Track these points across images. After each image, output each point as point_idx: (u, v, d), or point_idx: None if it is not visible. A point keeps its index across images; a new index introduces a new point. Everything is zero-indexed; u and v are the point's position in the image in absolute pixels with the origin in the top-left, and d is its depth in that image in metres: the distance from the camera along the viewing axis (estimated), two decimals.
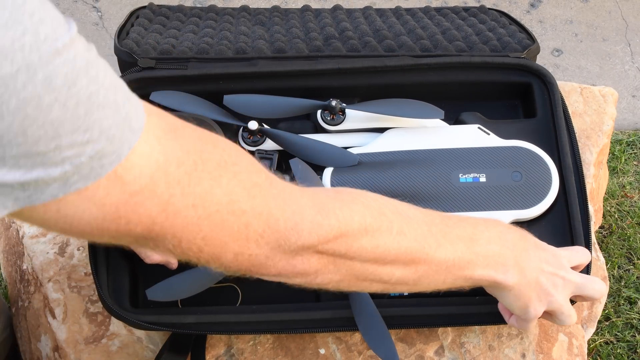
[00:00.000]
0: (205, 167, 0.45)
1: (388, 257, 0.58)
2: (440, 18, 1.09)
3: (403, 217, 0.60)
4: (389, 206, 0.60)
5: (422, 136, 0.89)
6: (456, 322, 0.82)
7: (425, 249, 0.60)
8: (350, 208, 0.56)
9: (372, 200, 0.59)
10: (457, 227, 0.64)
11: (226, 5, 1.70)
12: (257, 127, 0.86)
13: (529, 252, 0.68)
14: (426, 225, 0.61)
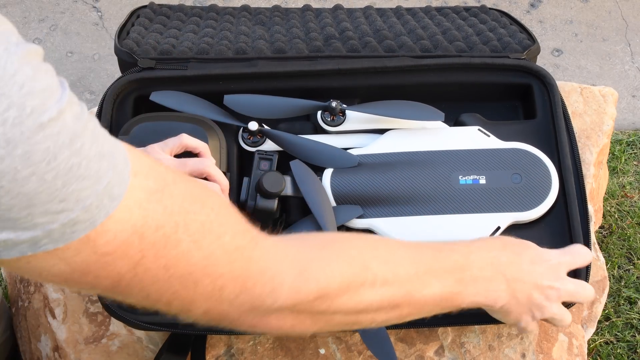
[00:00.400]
0: (187, 229, 0.44)
1: (370, 308, 0.58)
2: (441, 18, 1.09)
3: (390, 263, 0.59)
4: (376, 254, 0.59)
5: (422, 138, 0.89)
6: (456, 321, 0.82)
7: (411, 292, 0.59)
8: (332, 268, 0.54)
9: (359, 252, 0.58)
10: (448, 259, 0.63)
11: (227, 4, 1.70)
12: (257, 127, 0.86)
13: (523, 271, 0.68)
14: (414, 265, 0.60)
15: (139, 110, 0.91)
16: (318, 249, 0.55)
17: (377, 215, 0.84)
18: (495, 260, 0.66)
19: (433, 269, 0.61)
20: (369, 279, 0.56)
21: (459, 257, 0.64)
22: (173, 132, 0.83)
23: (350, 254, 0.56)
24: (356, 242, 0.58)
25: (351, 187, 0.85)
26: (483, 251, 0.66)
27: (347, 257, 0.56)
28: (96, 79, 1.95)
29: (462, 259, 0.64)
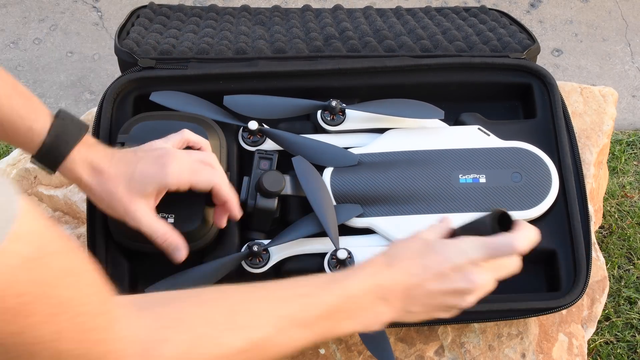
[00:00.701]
0: (48, 302, 0.44)
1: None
2: (441, 18, 1.09)
3: (245, 329, 0.57)
4: (230, 321, 0.57)
5: (422, 137, 0.89)
6: (455, 320, 0.82)
7: (272, 349, 0.59)
8: (178, 349, 0.54)
9: (211, 327, 0.56)
10: (319, 305, 0.61)
11: (227, 4, 1.70)
12: (257, 127, 0.86)
13: (412, 287, 0.65)
14: (277, 322, 0.59)
15: (139, 109, 0.91)
16: (167, 326, 0.54)
17: (377, 214, 0.84)
18: (376, 287, 0.64)
19: (299, 320, 0.60)
20: (220, 354, 0.55)
21: (333, 298, 0.62)
22: (173, 131, 0.83)
23: (199, 332, 0.55)
24: (210, 312, 0.56)
25: (351, 186, 0.85)
26: (364, 281, 0.64)
27: (196, 335, 0.54)
28: (96, 79, 1.95)
29: (336, 300, 0.62)
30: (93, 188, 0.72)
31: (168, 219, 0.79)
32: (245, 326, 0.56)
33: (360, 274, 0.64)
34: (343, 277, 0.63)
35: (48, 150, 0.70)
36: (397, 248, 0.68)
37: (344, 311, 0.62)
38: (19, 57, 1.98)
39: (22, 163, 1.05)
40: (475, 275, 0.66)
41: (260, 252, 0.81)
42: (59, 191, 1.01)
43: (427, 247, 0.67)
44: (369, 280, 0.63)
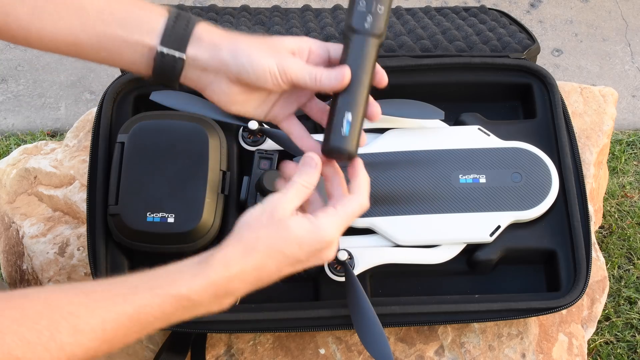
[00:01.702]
0: None
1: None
2: (441, 18, 1.09)
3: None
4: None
5: (422, 137, 0.89)
6: (455, 319, 0.82)
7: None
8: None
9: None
10: (155, 320, 0.58)
11: (226, 4, 1.70)
12: (257, 127, 0.86)
13: (263, 278, 0.62)
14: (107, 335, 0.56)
15: (139, 109, 0.91)
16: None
17: (378, 214, 0.84)
18: (223, 288, 0.60)
19: (131, 326, 0.57)
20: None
21: (170, 305, 0.58)
22: (173, 131, 0.83)
23: (13, 356, 0.52)
24: (28, 332, 0.53)
25: None
26: (210, 282, 0.59)
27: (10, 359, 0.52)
28: (96, 79, 1.95)
29: (174, 304, 0.58)
30: (232, 49, 0.64)
31: (168, 218, 0.80)
32: (67, 344, 0.54)
33: (208, 276, 0.59)
34: (188, 280, 0.59)
35: (173, 26, 0.64)
36: (251, 232, 0.61)
37: (182, 311, 0.59)
38: (19, 57, 1.98)
39: (22, 163, 1.05)
40: (329, 253, 0.64)
41: None
42: (59, 191, 1.01)
43: (286, 229, 0.61)
44: (216, 284, 0.59)
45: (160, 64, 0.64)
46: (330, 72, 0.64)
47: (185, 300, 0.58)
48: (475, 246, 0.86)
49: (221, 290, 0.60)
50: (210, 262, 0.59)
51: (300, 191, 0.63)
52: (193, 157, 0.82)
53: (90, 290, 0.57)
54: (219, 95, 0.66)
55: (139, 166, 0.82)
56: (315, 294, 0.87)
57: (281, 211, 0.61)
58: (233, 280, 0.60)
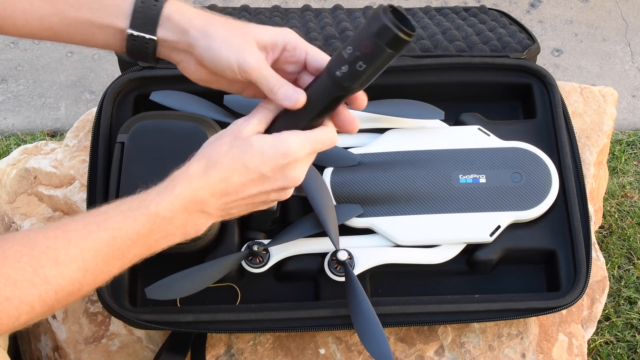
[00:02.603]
0: None
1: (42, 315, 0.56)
2: (441, 18, 1.09)
3: (51, 282, 0.55)
4: (36, 274, 0.55)
5: (422, 137, 0.89)
6: (455, 319, 0.82)
7: (87, 284, 0.57)
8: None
9: (14, 287, 0.54)
10: (127, 237, 0.59)
11: (226, 4, 1.70)
12: None
13: (230, 197, 0.62)
14: (85, 264, 0.57)
15: (139, 109, 0.91)
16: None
17: (378, 214, 0.84)
18: (192, 203, 0.60)
19: (110, 254, 0.58)
20: (27, 311, 0.54)
21: (143, 225, 0.59)
22: (173, 131, 0.83)
23: (1, 295, 0.53)
24: (13, 271, 0.54)
25: (351, 186, 0.85)
26: (178, 198, 0.60)
27: (0, 300, 0.53)
28: (96, 79, 1.95)
29: (148, 226, 0.59)
30: (198, 36, 0.64)
31: None
32: (51, 277, 0.55)
33: (173, 190, 0.60)
34: (155, 197, 0.59)
35: (141, 7, 0.64)
36: (214, 148, 0.62)
37: (157, 232, 0.60)
38: (19, 57, 1.98)
39: (22, 163, 1.05)
40: (297, 173, 0.63)
41: (260, 252, 0.81)
42: (59, 191, 1.01)
43: (249, 144, 0.61)
44: (182, 196, 0.60)
45: (132, 46, 0.65)
46: (287, 91, 0.63)
47: (156, 217, 0.59)
48: (475, 246, 0.86)
49: (190, 204, 0.60)
50: (174, 178, 0.60)
51: (264, 112, 0.64)
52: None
53: (63, 224, 0.58)
54: (189, 73, 0.67)
55: (139, 166, 0.82)
56: (315, 294, 0.87)
57: (246, 130, 0.62)
58: (198, 191, 0.60)
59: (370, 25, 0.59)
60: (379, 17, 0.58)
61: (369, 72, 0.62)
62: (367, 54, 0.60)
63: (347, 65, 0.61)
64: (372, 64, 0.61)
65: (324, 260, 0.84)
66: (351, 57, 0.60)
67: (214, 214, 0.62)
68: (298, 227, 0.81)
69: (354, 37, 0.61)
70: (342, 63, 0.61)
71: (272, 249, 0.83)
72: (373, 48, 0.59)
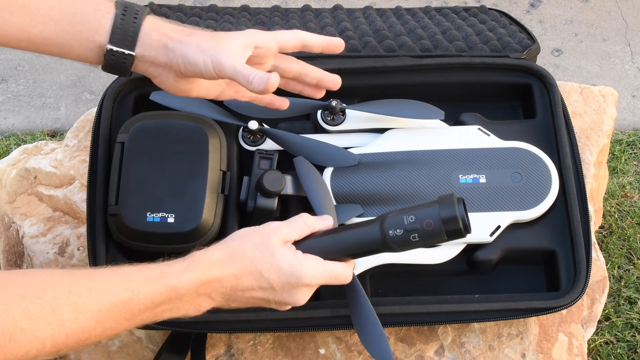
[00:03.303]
0: None
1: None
2: (441, 18, 1.09)
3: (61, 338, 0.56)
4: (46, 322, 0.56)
5: (422, 137, 0.89)
6: (455, 319, 0.82)
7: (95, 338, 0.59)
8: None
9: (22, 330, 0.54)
10: (141, 311, 0.61)
11: (226, 4, 1.70)
12: (257, 127, 0.86)
13: (237, 292, 0.65)
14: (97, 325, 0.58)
15: (139, 109, 0.91)
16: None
17: (378, 214, 0.84)
18: (204, 286, 0.63)
19: (122, 314, 0.60)
20: (37, 347, 0.55)
21: (159, 295, 0.61)
22: (173, 131, 0.83)
23: (17, 327, 0.54)
24: (32, 305, 0.55)
25: (351, 186, 0.85)
26: (195, 277, 0.63)
27: (14, 329, 0.54)
28: (96, 79, 1.95)
29: (163, 296, 0.61)
30: (176, 48, 0.67)
31: (168, 218, 0.80)
32: (67, 320, 0.56)
33: (194, 271, 0.62)
34: (175, 272, 0.62)
35: (121, 24, 0.67)
36: (241, 244, 0.65)
37: (167, 304, 0.62)
38: (19, 57, 1.98)
39: (22, 163, 1.05)
40: (302, 297, 0.66)
41: None
42: (59, 191, 1.01)
43: (271, 254, 0.64)
44: (200, 279, 0.62)
45: (110, 60, 0.68)
46: (261, 76, 0.66)
47: (172, 291, 0.61)
48: (475, 246, 0.86)
49: (202, 288, 0.63)
50: (197, 260, 0.63)
51: (299, 227, 0.67)
52: (193, 157, 0.82)
53: (88, 273, 0.60)
54: (167, 86, 0.71)
55: (139, 166, 0.82)
56: (315, 294, 0.86)
57: (274, 238, 0.65)
58: (214, 281, 0.63)
59: (442, 210, 0.63)
60: (453, 206, 0.63)
61: (417, 245, 0.65)
62: (427, 231, 0.64)
63: (402, 231, 0.64)
64: (425, 242, 0.65)
65: None
66: (410, 227, 0.64)
67: (217, 300, 0.65)
68: None
69: (421, 210, 0.64)
70: (398, 226, 0.64)
71: None
72: (434, 230, 0.64)
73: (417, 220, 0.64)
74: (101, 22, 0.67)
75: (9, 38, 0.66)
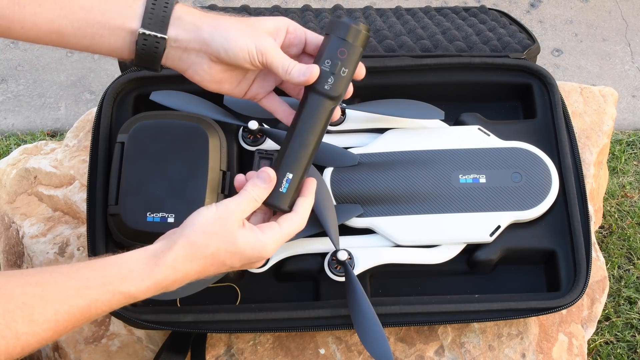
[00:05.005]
0: None
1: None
2: (441, 18, 1.09)
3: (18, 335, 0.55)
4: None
5: (422, 137, 0.89)
6: (455, 319, 0.82)
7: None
8: None
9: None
10: (100, 313, 0.61)
11: (226, 4, 1.70)
12: (257, 127, 0.86)
13: (200, 274, 0.65)
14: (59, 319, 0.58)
15: (139, 109, 0.91)
16: None
17: (378, 214, 0.84)
18: (164, 286, 0.63)
19: (78, 318, 0.59)
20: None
21: (115, 303, 0.61)
22: (173, 131, 0.83)
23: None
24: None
25: (351, 186, 0.85)
26: (153, 288, 0.62)
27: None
28: (96, 79, 1.95)
29: (120, 303, 0.61)
30: (212, 29, 0.66)
31: (168, 218, 0.80)
32: (22, 333, 0.55)
33: (156, 274, 0.61)
34: (136, 278, 0.61)
35: (152, 9, 0.66)
36: (204, 237, 0.63)
37: (125, 303, 0.61)
38: (19, 57, 1.98)
39: (22, 163, 1.05)
40: (261, 263, 0.68)
41: None
42: (59, 191, 1.01)
43: (233, 243, 0.64)
44: (161, 282, 0.62)
45: (142, 47, 0.66)
46: (301, 68, 0.67)
47: (131, 298, 0.61)
48: (475, 246, 0.86)
49: (163, 289, 0.63)
50: (160, 264, 0.62)
51: (252, 204, 0.66)
52: (193, 157, 0.82)
53: (43, 280, 0.58)
54: (200, 75, 0.69)
55: (139, 166, 0.82)
56: (315, 294, 0.87)
57: (232, 221, 0.64)
58: (176, 281, 0.63)
59: (338, 33, 0.67)
60: (341, 23, 0.67)
61: (349, 75, 0.69)
62: (344, 59, 0.67)
63: (331, 75, 0.67)
64: (352, 65, 0.68)
65: (324, 260, 0.84)
66: (333, 68, 0.67)
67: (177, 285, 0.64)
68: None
69: (327, 51, 0.67)
70: (326, 76, 0.67)
71: None
72: (349, 50, 0.67)
73: (332, 60, 0.67)
74: (133, 9, 0.66)
75: (39, 32, 0.65)
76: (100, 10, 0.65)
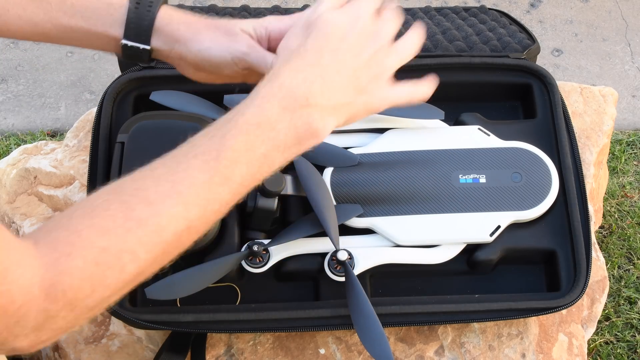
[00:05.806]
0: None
1: (142, 272, 0.52)
2: (441, 18, 1.09)
3: (148, 225, 0.51)
4: (131, 218, 0.51)
5: (422, 137, 0.89)
6: (455, 319, 0.82)
7: (186, 229, 0.53)
8: (83, 274, 0.48)
9: (111, 238, 0.50)
10: (224, 167, 0.54)
11: (226, 4, 1.70)
12: None
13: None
14: (181, 198, 0.52)
15: (139, 109, 0.91)
16: (66, 253, 0.48)
17: (378, 214, 0.84)
18: (287, 102, 0.56)
19: (209, 181, 0.53)
20: (127, 257, 0.50)
21: (240, 144, 0.54)
22: (173, 131, 0.83)
23: (101, 245, 0.49)
24: (112, 223, 0.50)
25: (351, 186, 0.85)
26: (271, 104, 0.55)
27: (97, 252, 0.49)
28: (96, 79, 1.95)
29: (248, 141, 0.54)
30: (189, 43, 0.65)
31: None
32: (145, 218, 0.51)
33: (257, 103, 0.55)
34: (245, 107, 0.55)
35: (134, 17, 0.65)
36: (288, 39, 0.60)
37: (261, 144, 0.55)
38: (19, 57, 1.98)
39: (22, 163, 1.05)
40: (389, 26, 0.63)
41: (260, 252, 0.81)
42: (59, 191, 1.01)
43: (322, 23, 0.59)
44: (271, 95, 0.55)
45: (128, 53, 0.66)
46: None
47: (250, 126, 0.54)
48: (475, 246, 0.86)
49: (285, 100, 0.55)
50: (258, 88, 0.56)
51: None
52: None
53: (151, 166, 0.56)
54: (188, 75, 0.69)
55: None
56: (315, 294, 0.87)
57: (317, 13, 0.60)
58: (289, 83, 0.55)
59: None
60: None
61: None
62: None
63: None
64: None
65: (324, 260, 0.84)
66: None
67: (322, 104, 0.57)
68: (298, 227, 0.81)
69: None
70: None
71: (272, 249, 0.83)
72: None
73: None
74: (114, 16, 0.66)
75: (25, 34, 0.65)
76: (83, 17, 0.65)
